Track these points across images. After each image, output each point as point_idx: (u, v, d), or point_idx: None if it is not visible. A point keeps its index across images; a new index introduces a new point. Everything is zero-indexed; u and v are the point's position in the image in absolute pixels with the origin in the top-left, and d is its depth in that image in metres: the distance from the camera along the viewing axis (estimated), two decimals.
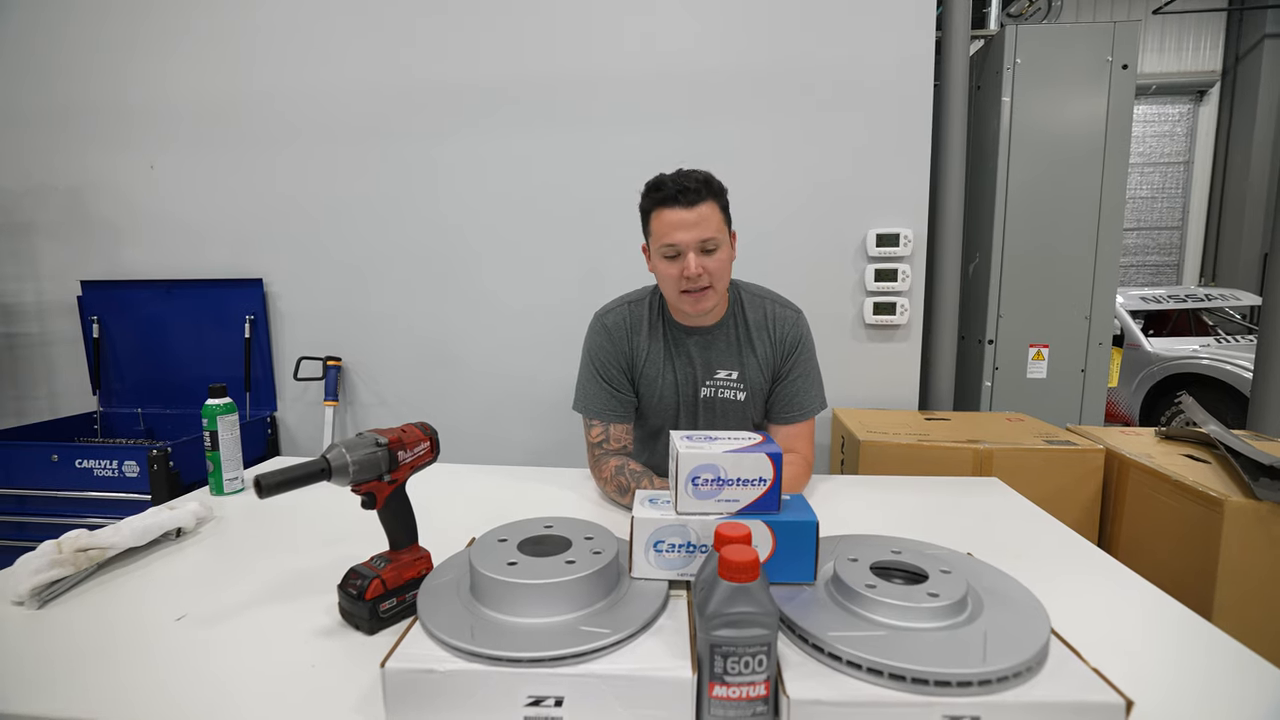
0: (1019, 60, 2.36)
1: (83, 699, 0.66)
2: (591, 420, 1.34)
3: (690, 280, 1.19)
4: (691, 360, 1.33)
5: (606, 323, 1.35)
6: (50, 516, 2.11)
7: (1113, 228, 2.38)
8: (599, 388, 1.33)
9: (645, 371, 1.34)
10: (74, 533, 0.94)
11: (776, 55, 2.22)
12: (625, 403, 1.34)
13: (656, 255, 1.24)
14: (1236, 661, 0.71)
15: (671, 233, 1.18)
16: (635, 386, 1.36)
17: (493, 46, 2.33)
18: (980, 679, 0.57)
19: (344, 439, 0.76)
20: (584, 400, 1.35)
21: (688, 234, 1.17)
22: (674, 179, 1.19)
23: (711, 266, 1.19)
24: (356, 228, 2.50)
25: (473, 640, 0.61)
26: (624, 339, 1.34)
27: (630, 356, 1.34)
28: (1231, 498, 1.32)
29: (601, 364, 1.34)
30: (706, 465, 0.75)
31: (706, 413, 1.36)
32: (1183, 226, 8.00)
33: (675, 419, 1.37)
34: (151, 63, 2.50)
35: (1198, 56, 7.59)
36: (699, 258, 1.18)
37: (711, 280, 1.21)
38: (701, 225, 1.18)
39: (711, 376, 1.33)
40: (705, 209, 1.18)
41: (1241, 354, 3.93)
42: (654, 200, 1.21)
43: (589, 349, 1.36)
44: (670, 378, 1.34)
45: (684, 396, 1.35)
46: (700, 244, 1.18)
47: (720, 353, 1.33)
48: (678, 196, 1.18)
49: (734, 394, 1.33)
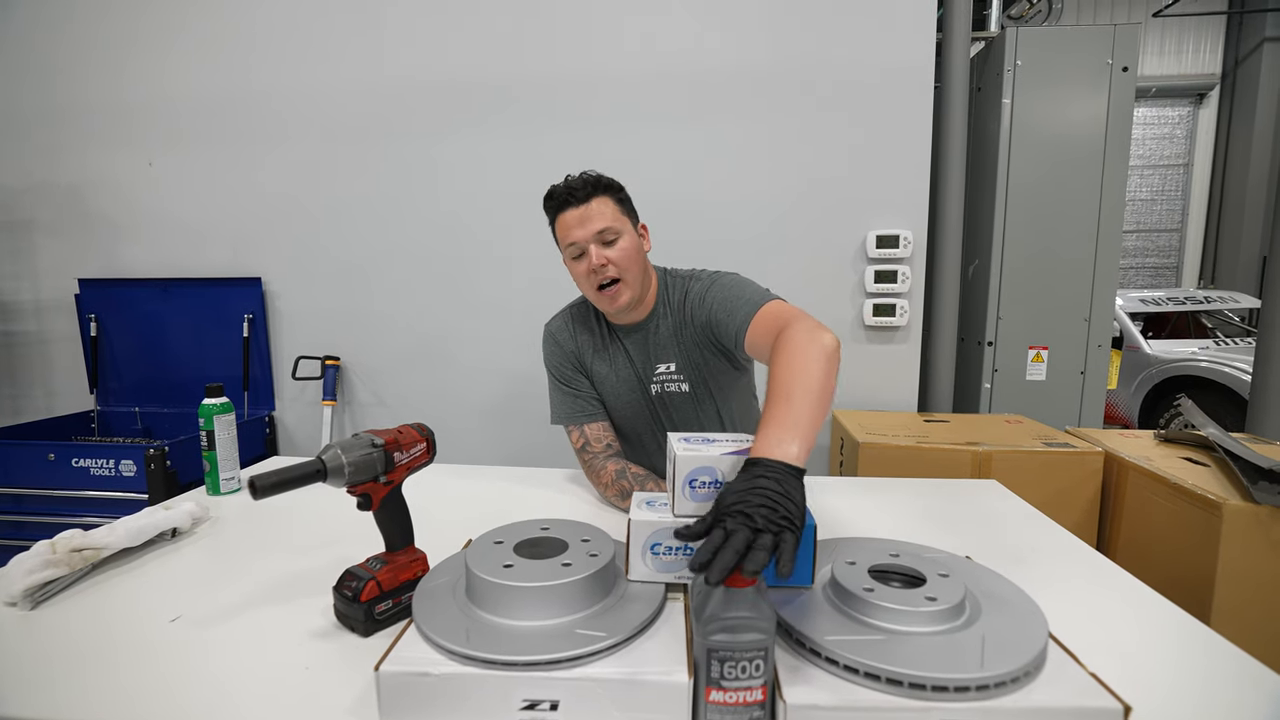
0: (1019, 62, 2.36)
1: (76, 700, 0.66)
2: (568, 428, 1.34)
3: (597, 272, 1.21)
4: (631, 359, 1.33)
5: (551, 329, 1.39)
6: (47, 515, 2.11)
7: (1112, 229, 2.38)
8: (560, 393, 1.35)
9: (595, 369, 1.35)
10: (68, 533, 0.94)
11: (777, 55, 2.22)
12: (589, 400, 1.34)
13: (567, 260, 1.26)
14: (1235, 666, 0.71)
15: (570, 232, 1.22)
16: (594, 386, 1.36)
17: (492, 46, 2.33)
18: (978, 684, 0.57)
19: (340, 440, 0.76)
20: (554, 410, 1.37)
21: (584, 229, 1.20)
22: (563, 185, 1.23)
23: (614, 256, 1.21)
24: (356, 227, 2.49)
25: (468, 643, 0.61)
26: (569, 339, 1.36)
27: (578, 355, 1.36)
28: (1230, 501, 1.32)
29: (556, 368, 1.36)
30: (704, 468, 0.74)
31: (663, 409, 1.35)
32: (1182, 229, 8.00)
33: (637, 420, 1.37)
34: (151, 61, 2.50)
35: (1197, 59, 7.60)
36: (599, 249, 1.20)
37: (619, 272, 1.21)
38: (595, 219, 1.20)
39: (654, 372, 1.33)
40: (596, 204, 1.21)
41: (1240, 356, 3.93)
42: (551, 210, 1.25)
43: (545, 360, 1.39)
44: (619, 375, 1.34)
45: (637, 395, 1.34)
46: (597, 236, 1.20)
47: (656, 347, 1.32)
48: (568, 199, 1.21)
49: (678, 386, 1.32)
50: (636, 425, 1.37)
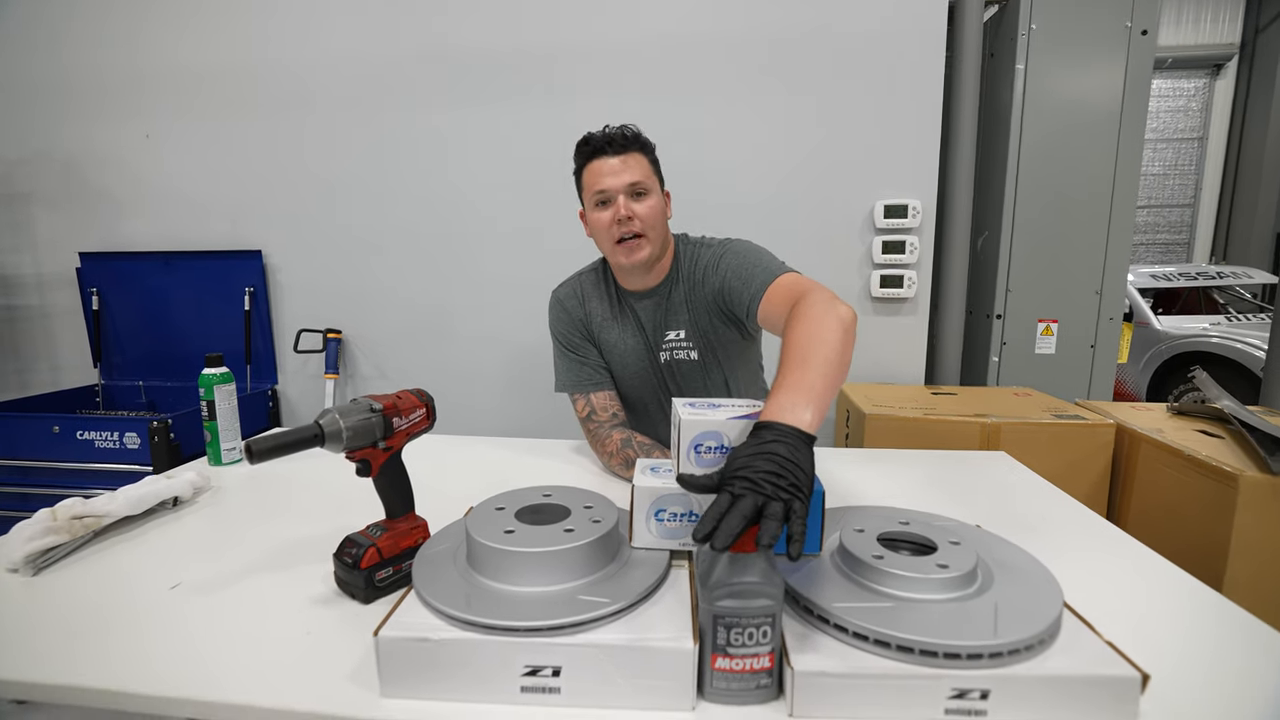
0: (1034, 26, 2.29)
1: (76, 666, 0.65)
2: (573, 396, 1.33)
3: (622, 224, 1.19)
4: (641, 325, 1.32)
5: (559, 295, 1.38)
6: (52, 488, 2.11)
7: (1127, 199, 2.32)
8: (567, 360, 1.34)
9: (603, 338, 1.33)
10: (69, 500, 0.93)
11: (788, 22, 2.16)
12: (596, 368, 1.33)
13: (589, 207, 1.24)
14: (1248, 633, 0.70)
15: (600, 180, 1.20)
16: (601, 355, 1.34)
17: (493, 18, 2.28)
18: (991, 651, 0.55)
19: (338, 405, 0.74)
20: (559, 378, 1.36)
21: (616, 179, 1.19)
22: (601, 133, 1.22)
23: (640, 211, 1.19)
24: (357, 200, 2.46)
25: (469, 609, 0.60)
26: (577, 306, 1.35)
27: (586, 322, 1.34)
28: (1247, 472, 1.30)
29: (563, 335, 1.34)
30: (709, 432, 0.72)
31: (670, 377, 1.33)
32: (1194, 204, 7.86)
33: (644, 388, 1.35)
34: (153, 31, 2.46)
35: (1216, 29, 7.39)
36: (628, 201, 1.19)
37: (644, 228, 1.20)
38: (629, 170, 1.20)
39: (664, 340, 1.31)
40: (632, 158, 1.20)
41: (1253, 332, 3.88)
42: (584, 155, 1.24)
43: (551, 327, 1.37)
44: (629, 344, 1.32)
45: (645, 363, 1.33)
46: (629, 187, 1.19)
47: (667, 313, 1.30)
48: (605, 147, 1.20)
49: (686, 354, 1.30)
50: (644, 394, 1.36)
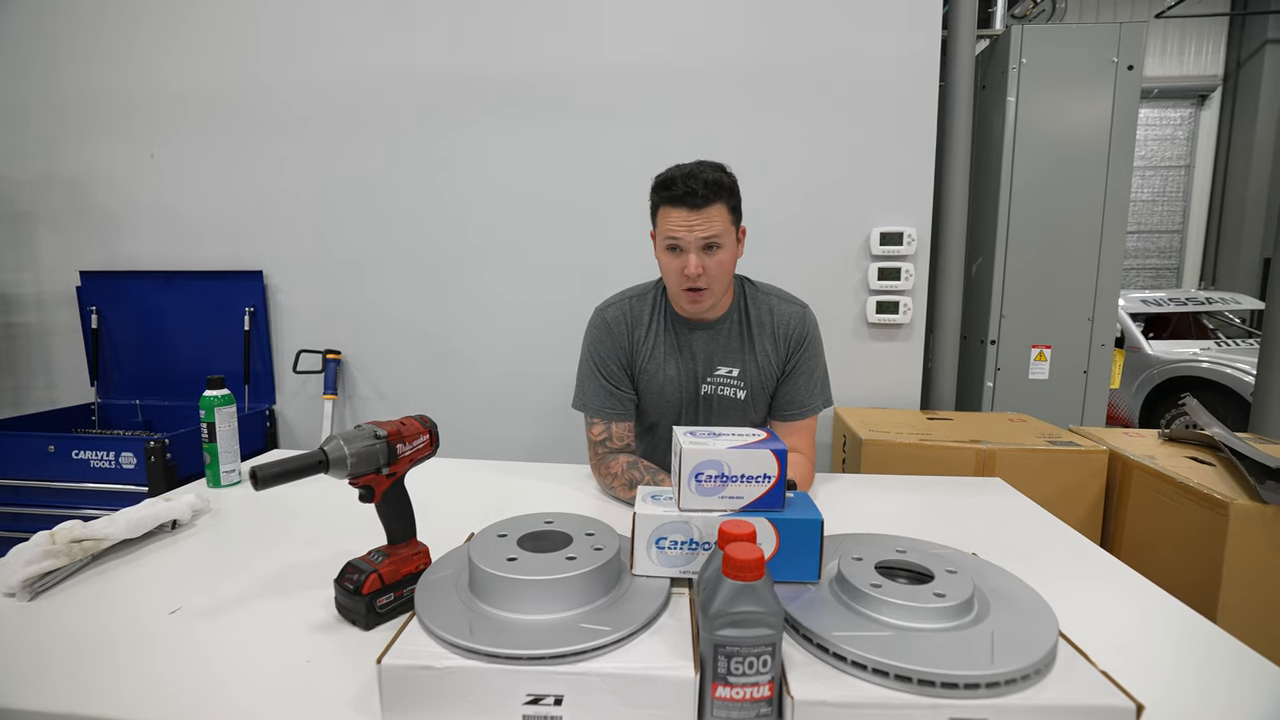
0: (1024, 60, 2.35)
1: (75, 692, 0.65)
2: (592, 419, 1.32)
3: (690, 278, 1.21)
4: (694, 355, 1.32)
5: (607, 317, 1.34)
6: (46, 508, 2.10)
7: (1116, 228, 2.37)
8: (598, 385, 1.32)
9: (645, 367, 1.33)
10: (68, 523, 0.93)
11: (784, 51, 2.21)
12: (625, 400, 1.33)
13: (661, 247, 1.25)
14: (1241, 663, 0.71)
15: (675, 229, 1.20)
16: (635, 382, 1.34)
17: (497, 40, 2.32)
18: (988, 681, 0.56)
19: (342, 431, 0.75)
20: (583, 397, 1.34)
21: (690, 233, 1.19)
22: (684, 179, 1.18)
23: (711, 267, 1.21)
24: (358, 221, 2.48)
25: (471, 637, 0.60)
26: (624, 334, 1.32)
27: (630, 352, 1.33)
28: (1237, 500, 1.31)
29: (601, 360, 1.32)
30: (710, 461, 0.74)
31: (705, 410, 1.34)
32: (1183, 230, 8.00)
33: (675, 415, 1.36)
34: (152, 52, 2.48)
35: (1200, 61, 7.59)
36: (700, 256, 1.19)
37: (710, 281, 1.22)
38: (706, 226, 1.19)
39: (712, 373, 1.32)
40: (713, 210, 1.19)
41: (1242, 358, 3.92)
42: (662, 198, 1.23)
43: (589, 344, 1.35)
44: (671, 373, 1.32)
45: (684, 393, 1.33)
46: (703, 243, 1.19)
47: (722, 348, 1.32)
48: (685, 198, 1.18)
49: (734, 391, 1.32)
50: (672, 420, 1.36)
